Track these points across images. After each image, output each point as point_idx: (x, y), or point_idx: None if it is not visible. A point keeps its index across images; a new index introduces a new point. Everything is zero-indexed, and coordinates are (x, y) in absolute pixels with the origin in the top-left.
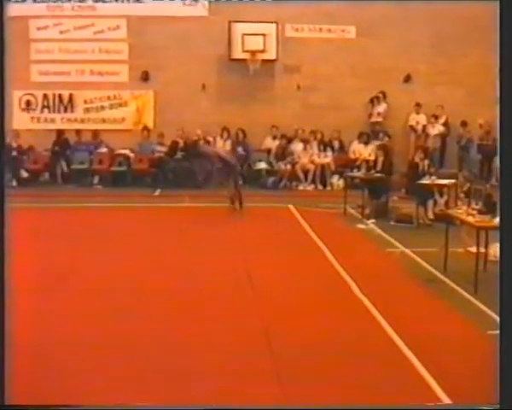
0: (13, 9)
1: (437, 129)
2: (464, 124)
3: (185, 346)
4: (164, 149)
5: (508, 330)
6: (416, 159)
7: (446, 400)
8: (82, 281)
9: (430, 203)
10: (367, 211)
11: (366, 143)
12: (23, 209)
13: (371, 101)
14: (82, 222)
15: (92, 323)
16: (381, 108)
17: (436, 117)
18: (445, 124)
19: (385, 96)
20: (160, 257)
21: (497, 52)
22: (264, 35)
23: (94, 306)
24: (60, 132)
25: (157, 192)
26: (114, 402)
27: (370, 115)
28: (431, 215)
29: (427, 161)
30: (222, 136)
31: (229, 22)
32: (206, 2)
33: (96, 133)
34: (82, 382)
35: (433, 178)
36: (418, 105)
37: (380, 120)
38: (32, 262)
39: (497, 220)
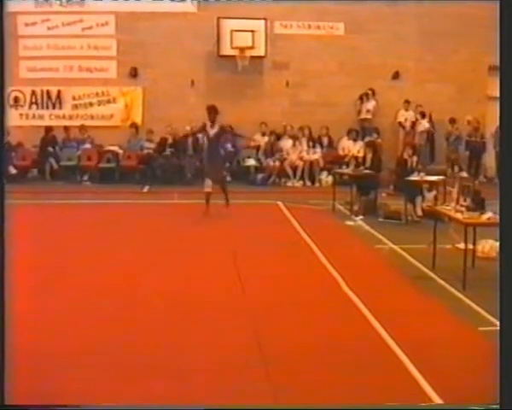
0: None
1: (422, 126)
2: (453, 121)
3: (176, 344)
4: (152, 145)
5: (508, 331)
6: (405, 155)
7: (435, 397)
8: (71, 279)
9: (418, 200)
10: (355, 208)
11: (355, 140)
12: (11, 206)
13: (360, 98)
14: (70, 219)
15: (82, 322)
16: (370, 104)
17: (423, 114)
18: (430, 121)
19: (374, 93)
20: (148, 255)
21: (487, 49)
22: (252, 31)
23: (84, 304)
24: (48, 129)
25: (146, 189)
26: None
27: (359, 112)
28: (419, 212)
29: (415, 158)
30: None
31: (218, 18)
32: None
33: (82, 129)
34: (82, 382)
35: (422, 174)
36: (407, 102)
37: (369, 116)
38: (21, 260)
39: (484, 217)
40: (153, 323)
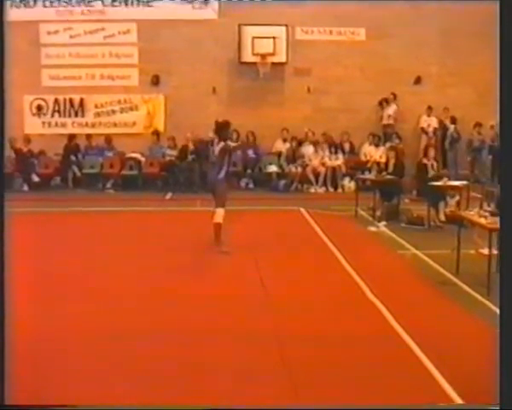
0: (23, 14)
1: (450, 131)
2: (478, 125)
3: (202, 344)
4: (174, 152)
5: (508, 331)
6: (424, 160)
7: (459, 401)
8: (93, 284)
9: (442, 205)
10: (378, 213)
11: (377, 145)
12: (35, 214)
13: (380, 103)
14: (94, 226)
15: (98, 325)
16: (391, 110)
17: (454, 120)
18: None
19: (395, 98)
20: (171, 261)
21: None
22: (274, 38)
23: (104, 308)
24: (71, 137)
25: (168, 196)
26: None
27: (382, 118)
28: (442, 217)
29: (435, 163)
30: (231, 138)
31: (239, 25)
32: (216, 6)
33: (108, 138)
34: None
35: (445, 179)
36: (430, 108)
37: (391, 122)
38: (43, 265)
39: None
40: (176, 325)
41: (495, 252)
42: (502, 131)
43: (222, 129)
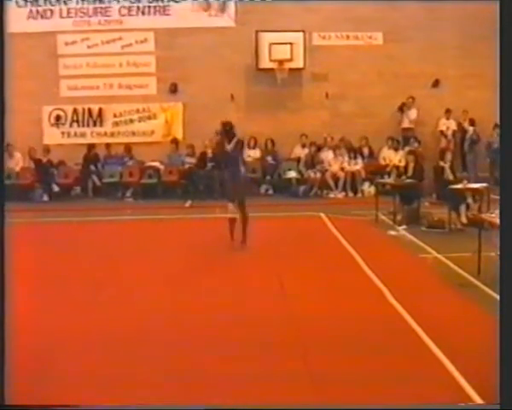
0: (41, 26)
1: (469, 133)
2: (497, 127)
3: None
4: (193, 160)
5: (508, 331)
6: (441, 163)
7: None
8: (115, 292)
9: (463, 208)
10: (399, 217)
11: (396, 149)
12: (56, 223)
13: (400, 108)
14: (114, 235)
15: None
16: (413, 113)
17: (472, 122)
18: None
19: (414, 101)
20: (191, 269)
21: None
22: (291, 44)
23: (127, 315)
24: (90, 147)
25: (188, 204)
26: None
27: (401, 122)
28: (464, 220)
29: (448, 164)
30: (249, 145)
31: (256, 32)
32: (233, 13)
33: (128, 147)
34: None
35: (465, 182)
36: (448, 111)
37: (412, 126)
38: (66, 273)
39: None
40: (197, 335)
41: None
42: (502, 131)
43: (229, 129)
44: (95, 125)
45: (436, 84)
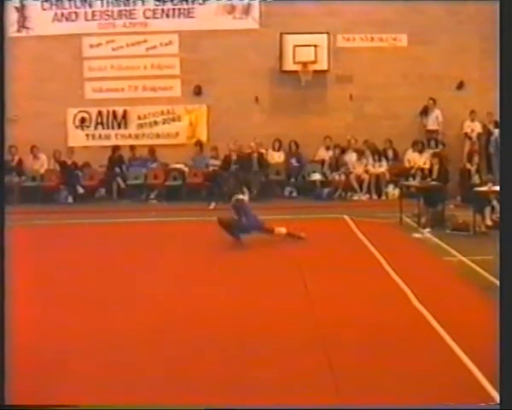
0: (66, 28)
1: (495, 135)
2: None
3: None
4: (218, 162)
5: (508, 331)
6: (468, 166)
7: None
8: (138, 293)
9: (487, 211)
10: (423, 220)
11: (421, 152)
12: (81, 225)
13: (422, 112)
14: (139, 237)
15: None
16: (437, 114)
17: (498, 124)
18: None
19: (435, 103)
20: (216, 270)
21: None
22: (315, 46)
23: (155, 318)
24: (115, 148)
25: (212, 206)
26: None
27: (426, 124)
28: (489, 222)
29: (475, 167)
30: (274, 147)
31: (281, 34)
32: (257, 15)
33: (152, 150)
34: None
35: (490, 185)
36: (473, 112)
37: (436, 128)
38: (90, 275)
39: None
40: (221, 337)
41: None
42: (502, 131)
43: None
44: (119, 127)
45: (460, 86)
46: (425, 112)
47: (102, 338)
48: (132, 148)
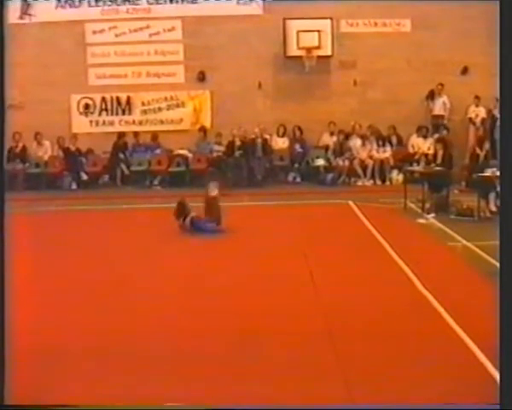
0: (69, 14)
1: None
2: None
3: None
4: (222, 148)
5: (508, 330)
6: (478, 150)
7: None
8: (141, 280)
9: (492, 196)
10: (427, 205)
11: (425, 137)
12: (85, 211)
13: (429, 96)
14: (143, 223)
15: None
16: (443, 100)
17: None
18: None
19: (442, 88)
20: (220, 255)
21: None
22: (319, 31)
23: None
24: (120, 135)
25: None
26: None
27: (432, 109)
28: (493, 208)
29: (484, 153)
30: (278, 133)
31: (284, 19)
32: (261, 1)
33: (155, 135)
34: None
35: (494, 169)
36: (477, 98)
37: (442, 113)
38: (96, 262)
39: None
40: (226, 318)
41: None
42: (502, 130)
43: None
44: (123, 113)
45: (465, 71)
46: (431, 97)
47: (103, 330)
48: (136, 134)
